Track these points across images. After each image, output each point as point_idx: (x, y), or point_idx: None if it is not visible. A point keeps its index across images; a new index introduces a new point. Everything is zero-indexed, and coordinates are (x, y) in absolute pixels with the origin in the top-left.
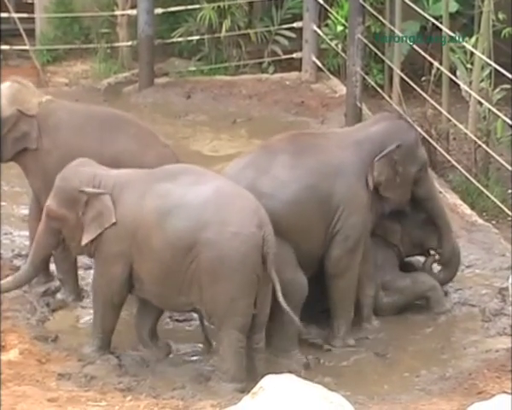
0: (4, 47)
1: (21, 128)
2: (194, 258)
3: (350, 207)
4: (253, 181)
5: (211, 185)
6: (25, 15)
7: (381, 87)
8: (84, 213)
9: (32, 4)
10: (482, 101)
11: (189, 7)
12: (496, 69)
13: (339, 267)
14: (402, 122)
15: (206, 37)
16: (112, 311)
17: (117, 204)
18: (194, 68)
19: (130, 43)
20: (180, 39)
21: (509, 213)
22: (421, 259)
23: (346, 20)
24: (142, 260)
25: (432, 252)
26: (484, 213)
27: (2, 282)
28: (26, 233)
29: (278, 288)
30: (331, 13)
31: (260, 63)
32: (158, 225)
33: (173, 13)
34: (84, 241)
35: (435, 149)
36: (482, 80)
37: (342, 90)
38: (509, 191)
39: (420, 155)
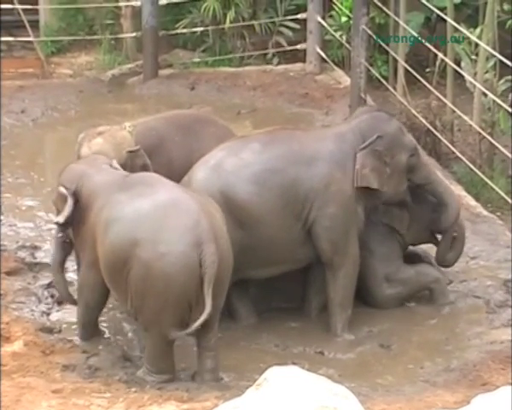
0: (8, 38)
1: (138, 164)
2: (128, 272)
3: (324, 197)
4: (220, 160)
5: (152, 199)
6: (29, 6)
7: (386, 78)
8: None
9: None
10: (487, 92)
11: None
12: (500, 60)
13: (330, 261)
14: (381, 114)
15: (210, 28)
16: (87, 309)
17: (90, 207)
18: (198, 60)
19: (134, 34)
20: (184, 30)
21: None
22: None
23: (351, 11)
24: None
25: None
26: (488, 205)
27: None
28: (31, 225)
29: (207, 310)
30: (335, 4)
31: (264, 54)
32: (103, 235)
33: (177, 4)
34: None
35: (440, 140)
36: (487, 71)
37: (346, 81)
38: None
39: (407, 142)
